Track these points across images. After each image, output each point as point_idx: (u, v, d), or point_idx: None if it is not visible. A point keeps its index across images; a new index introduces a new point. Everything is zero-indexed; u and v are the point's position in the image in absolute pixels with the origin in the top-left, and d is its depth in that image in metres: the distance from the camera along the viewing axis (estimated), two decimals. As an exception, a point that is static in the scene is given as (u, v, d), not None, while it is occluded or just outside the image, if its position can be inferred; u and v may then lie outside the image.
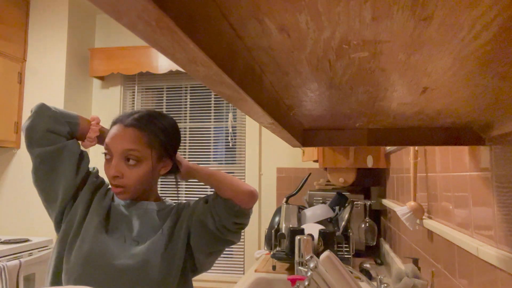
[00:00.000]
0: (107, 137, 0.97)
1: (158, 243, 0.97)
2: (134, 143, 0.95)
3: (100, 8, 0.16)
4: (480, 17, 0.24)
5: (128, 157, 0.95)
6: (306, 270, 1.05)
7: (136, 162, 0.96)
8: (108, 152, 0.96)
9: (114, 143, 0.95)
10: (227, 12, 0.24)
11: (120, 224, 0.99)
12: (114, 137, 0.96)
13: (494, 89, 0.42)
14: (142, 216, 1.00)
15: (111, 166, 0.94)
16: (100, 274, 0.91)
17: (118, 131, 0.97)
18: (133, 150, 0.95)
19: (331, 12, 0.23)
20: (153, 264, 0.93)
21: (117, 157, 0.95)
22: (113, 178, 0.95)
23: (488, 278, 0.70)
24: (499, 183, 0.66)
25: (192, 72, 0.25)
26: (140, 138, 0.96)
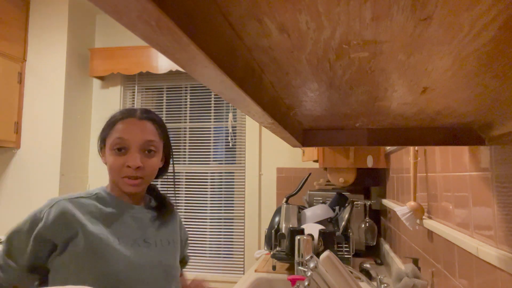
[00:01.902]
0: (118, 132, 0.96)
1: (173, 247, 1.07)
2: (153, 134, 0.99)
3: (100, 8, 0.16)
4: (480, 17, 0.24)
5: (149, 148, 0.98)
6: (306, 270, 1.05)
7: (154, 153, 1.00)
8: (124, 146, 0.95)
9: (133, 135, 0.96)
10: (227, 12, 0.24)
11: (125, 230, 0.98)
12: (132, 129, 0.96)
13: (494, 89, 0.42)
14: (137, 219, 1.02)
15: (133, 157, 0.94)
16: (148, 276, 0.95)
17: (135, 124, 0.97)
18: (152, 141, 0.99)
19: (331, 12, 0.23)
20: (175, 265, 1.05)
21: (136, 149, 0.96)
22: (135, 170, 0.95)
23: (488, 278, 0.70)
24: (499, 183, 0.66)
25: (192, 72, 0.25)
26: (155, 130, 1.01)
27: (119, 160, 0.95)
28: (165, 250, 1.03)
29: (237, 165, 2.94)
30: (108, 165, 0.97)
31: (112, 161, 0.96)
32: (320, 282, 1.02)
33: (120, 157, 0.95)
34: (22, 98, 2.83)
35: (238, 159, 2.94)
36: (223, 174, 2.96)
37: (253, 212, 2.81)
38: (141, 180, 0.98)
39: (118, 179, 0.96)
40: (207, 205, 2.95)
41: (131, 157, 0.95)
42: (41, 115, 2.80)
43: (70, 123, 2.86)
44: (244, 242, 2.83)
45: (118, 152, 0.95)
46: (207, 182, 2.97)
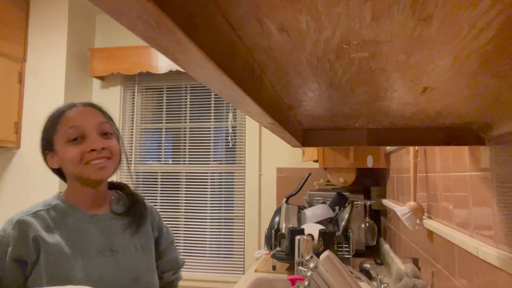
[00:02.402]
0: (68, 122, 0.90)
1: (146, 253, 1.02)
2: (102, 117, 0.95)
3: (100, 8, 0.16)
4: (480, 17, 0.24)
5: (105, 130, 0.93)
6: (306, 270, 1.05)
7: (111, 135, 0.95)
8: (80, 133, 0.89)
9: (86, 120, 0.90)
10: (227, 12, 0.24)
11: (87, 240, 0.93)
12: (82, 115, 0.91)
13: (494, 89, 0.42)
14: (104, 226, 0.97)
15: (94, 139, 0.89)
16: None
17: (82, 111, 0.92)
18: (106, 122, 0.95)
19: (331, 12, 0.23)
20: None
21: (93, 132, 0.91)
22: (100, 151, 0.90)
23: (488, 278, 0.70)
24: (499, 183, 0.66)
25: (192, 72, 0.25)
26: (102, 114, 0.97)
27: (78, 148, 0.88)
28: (134, 257, 0.98)
29: (237, 165, 2.94)
30: (67, 160, 0.89)
31: (70, 154, 0.88)
32: (320, 282, 1.02)
33: (79, 146, 0.89)
34: (22, 98, 2.83)
35: (238, 159, 2.94)
36: (223, 174, 2.96)
37: (253, 212, 2.81)
38: (109, 161, 0.92)
39: (83, 169, 0.89)
40: (207, 205, 2.95)
41: (91, 140, 0.89)
42: (41, 115, 2.79)
43: (70, 123, 2.86)
44: (244, 242, 2.83)
45: (75, 142, 0.89)
46: (207, 182, 2.97)
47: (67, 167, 0.92)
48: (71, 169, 0.91)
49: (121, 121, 3.09)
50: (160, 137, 3.08)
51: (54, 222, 0.90)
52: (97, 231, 0.94)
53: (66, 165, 0.91)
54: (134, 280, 0.95)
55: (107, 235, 0.95)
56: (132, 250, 0.99)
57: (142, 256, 1.00)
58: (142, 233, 1.04)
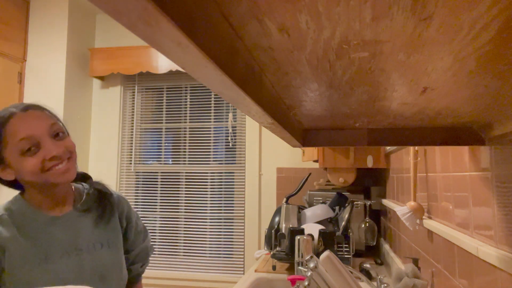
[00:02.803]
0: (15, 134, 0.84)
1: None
2: (49, 118, 0.90)
3: (100, 8, 0.16)
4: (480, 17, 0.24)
5: (56, 131, 0.89)
6: (306, 270, 1.05)
7: (63, 134, 0.92)
8: (32, 142, 0.85)
9: (34, 127, 0.85)
10: (227, 12, 0.24)
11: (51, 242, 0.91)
12: (28, 123, 0.85)
13: (494, 89, 0.42)
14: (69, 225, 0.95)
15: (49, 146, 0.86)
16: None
17: (25, 117, 0.86)
18: (55, 123, 0.91)
19: (331, 12, 0.23)
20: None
21: (46, 138, 0.86)
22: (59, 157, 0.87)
23: (488, 278, 0.70)
24: (499, 183, 0.66)
25: (192, 72, 0.25)
26: (47, 114, 0.91)
27: (35, 159, 0.85)
28: (99, 255, 0.96)
29: (237, 165, 2.94)
30: (26, 172, 0.85)
31: (28, 165, 0.84)
32: (320, 282, 1.02)
33: (35, 156, 0.85)
34: (22, 98, 2.83)
35: (238, 159, 2.94)
36: (223, 174, 2.96)
37: (253, 212, 2.81)
38: (71, 161, 0.90)
39: (46, 176, 0.86)
40: (207, 205, 2.95)
41: (48, 148, 0.85)
42: (41, 115, 2.80)
43: (70, 123, 2.86)
44: (244, 242, 2.83)
45: (29, 152, 0.85)
46: (207, 182, 2.97)
47: (26, 178, 0.87)
48: (32, 179, 0.87)
49: (121, 121, 3.09)
50: (160, 137, 3.08)
51: (17, 227, 0.88)
52: (62, 232, 0.92)
53: (26, 176, 0.87)
54: (100, 278, 0.95)
55: (72, 234, 0.94)
56: (98, 247, 0.97)
57: (108, 253, 0.99)
58: (110, 227, 1.02)
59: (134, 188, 3.06)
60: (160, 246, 2.96)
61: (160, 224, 2.98)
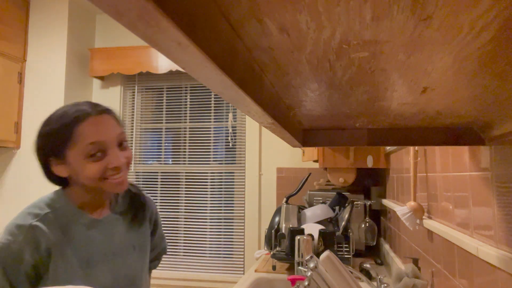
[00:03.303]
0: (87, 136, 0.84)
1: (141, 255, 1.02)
2: (118, 125, 0.91)
3: (100, 8, 0.16)
4: (480, 17, 0.24)
5: (122, 140, 0.90)
6: (306, 270, 1.05)
7: (127, 143, 0.92)
8: (100, 148, 0.85)
9: (105, 134, 0.86)
10: (227, 12, 0.24)
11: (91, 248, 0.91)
12: (100, 129, 0.85)
13: (494, 89, 0.42)
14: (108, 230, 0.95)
15: (116, 157, 0.86)
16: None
17: (99, 122, 0.86)
18: (123, 132, 0.91)
19: (331, 12, 0.23)
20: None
21: (113, 146, 0.87)
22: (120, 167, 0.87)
23: (488, 278, 0.70)
24: (499, 183, 0.66)
25: (192, 72, 0.25)
26: (116, 120, 0.92)
27: (98, 165, 0.85)
28: (131, 258, 0.97)
29: (237, 165, 2.94)
30: (85, 176, 0.85)
31: (90, 170, 0.84)
32: (320, 282, 1.02)
33: (99, 162, 0.85)
34: (22, 98, 2.83)
35: (238, 159, 2.94)
36: (223, 174, 2.96)
37: (253, 212, 2.81)
38: (125, 172, 0.90)
39: (102, 184, 0.87)
40: (207, 205, 2.95)
41: (113, 158, 0.86)
42: (41, 115, 2.79)
43: (70, 123, 2.86)
44: (244, 242, 2.82)
45: (95, 157, 0.85)
46: (207, 182, 2.97)
47: (82, 180, 0.87)
48: (88, 183, 0.87)
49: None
50: (160, 137, 3.08)
51: (61, 228, 0.87)
52: (100, 236, 0.92)
53: (82, 179, 0.86)
54: (131, 282, 0.95)
55: (109, 238, 0.94)
56: (130, 251, 0.98)
57: (139, 256, 1.00)
58: (141, 231, 1.03)
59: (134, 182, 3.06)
60: (160, 246, 2.96)
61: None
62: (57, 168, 0.88)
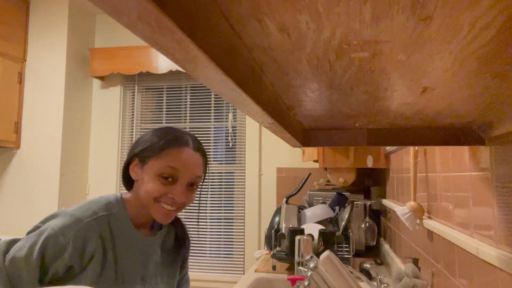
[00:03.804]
0: (172, 160, 0.88)
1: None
2: (202, 169, 0.95)
3: (100, 8, 0.16)
4: (480, 17, 0.24)
5: (194, 182, 0.93)
6: (306, 270, 1.05)
7: (195, 188, 0.96)
8: (174, 175, 0.89)
9: (187, 169, 0.90)
10: (227, 12, 0.24)
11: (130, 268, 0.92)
12: (186, 162, 0.90)
13: (494, 89, 0.42)
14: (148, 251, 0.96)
15: (181, 191, 0.89)
16: None
17: (190, 156, 0.91)
18: (200, 176, 0.95)
19: (331, 12, 0.23)
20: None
21: (185, 183, 0.90)
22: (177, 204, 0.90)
23: (488, 278, 0.70)
24: (499, 183, 0.66)
25: (192, 72, 0.25)
26: (203, 164, 0.96)
27: (163, 189, 0.88)
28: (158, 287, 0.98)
29: (237, 165, 2.94)
30: (145, 190, 0.89)
31: (154, 188, 0.88)
32: (320, 282, 1.02)
33: (165, 186, 0.88)
34: (22, 98, 2.83)
35: (238, 159, 2.94)
36: (223, 174, 2.96)
37: (253, 212, 2.81)
38: (176, 212, 0.93)
39: (152, 205, 0.89)
40: (207, 205, 2.95)
41: (178, 191, 0.89)
42: (41, 115, 2.80)
43: (70, 123, 2.86)
44: (244, 242, 2.82)
45: (164, 180, 0.88)
46: (207, 182, 2.97)
47: (141, 190, 0.90)
48: (143, 196, 0.90)
49: (121, 121, 3.09)
50: (160, 137, 3.08)
51: (111, 237, 0.88)
52: (140, 256, 0.94)
53: (142, 189, 0.90)
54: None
55: (144, 262, 0.95)
56: (158, 280, 0.98)
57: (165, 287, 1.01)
58: (172, 265, 1.04)
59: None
60: (160, 246, 2.96)
61: (160, 224, 2.98)
62: (133, 169, 0.93)
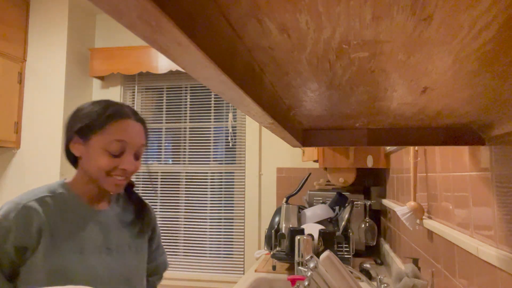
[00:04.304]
0: (118, 133, 0.90)
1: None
2: (144, 138, 0.97)
3: (100, 8, 0.16)
4: (480, 17, 0.24)
5: (139, 152, 0.96)
6: (306, 270, 1.05)
7: (140, 156, 0.98)
8: (121, 148, 0.91)
9: (133, 139, 0.92)
10: (227, 12, 0.24)
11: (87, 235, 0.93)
12: (131, 133, 0.92)
13: (494, 89, 0.42)
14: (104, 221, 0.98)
15: (130, 161, 0.92)
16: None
17: (133, 127, 0.93)
18: (144, 145, 0.97)
19: (331, 12, 0.23)
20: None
21: (132, 153, 0.93)
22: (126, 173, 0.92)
23: (488, 278, 0.70)
24: (499, 183, 0.66)
25: (192, 72, 0.25)
26: (144, 133, 0.99)
27: (112, 162, 0.90)
28: (127, 257, 0.98)
29: (237, 165, 2.94)
30: (94, 165, 0.90)
31: (104, 163, 0.90)
32: (320, 282, 1.02)
33: (115, 159, 0.90)
34: (22, 98, 2.83)
35: (238, 159, 2.94)
36: (223, 174, 2.96)
37: (253, 212, 2.81)
38: (126, 180, 0.95)
39: (103, 179, 0.91)
40: (207, 205, 2.95)
41: (127, 161, 0.91)
42: (41, 115, 2.80)
43: (70, 123, 2.86)
44: (244, 242, 2.82)
45: (111, 153, 0.90)
46: (207, 182, 2.97)
47: (89, 166, 0.91)
48: (92, 172, 0.91)
49: (121, 121, 3.09)
50: (160, 137, 3.08)
51: (58, 212, 0.90)
52: (96, 227, 0.95)
53: (90, 166, 0.91)
54: (126, 280, 0.96)
55: (105, 232, 0.96)
56: (126, 249, 0.99)
57: (135, 257, 1.01)
58: (138, 234, 1.04)
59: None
60: (160, 246, 2.96)
61: (160, 224, 2.98)
62: (74, 146, 0.94)
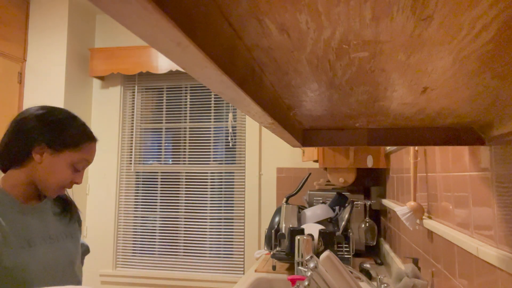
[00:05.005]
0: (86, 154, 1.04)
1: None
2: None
3: (100, 8, 0.16)
4: (480, 17, 0.24)
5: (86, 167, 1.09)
6: (306, 270, 1.05)
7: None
8: (85, 165, 1.05)
9: (91, 160, 1.08)
10: (227, 12, 0.24)
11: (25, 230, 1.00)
12: (93, 154, 1.09)
13: (494, 89, 0.42)
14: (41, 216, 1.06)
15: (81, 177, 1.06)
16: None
17: (94, 150, 1.08)
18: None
19: (331, 12, 0.23)
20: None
21: (84, 170, 1.07)
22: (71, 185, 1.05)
23: (488, 278, 0.70)
24: (499, 183, 0.66)
25: (192, 72, 0.25)
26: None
27: (71, 177, 1.03)
28: (67, 243, 1.08)
29: (237, 165, 2.94)
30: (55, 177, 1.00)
31: (65, 177, 1.01)
32: (320, 282, 1.02)
33: (73, 174, 1.03)
34: (22, 98, 2.83)
35: (238, 159, 2.94)
36: (223, 174, 2.96)
37: (253, 212, 2.81)
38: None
39: (56, 189, 1.01)
40: (207, 205, 2.95)
41: (80, 178, 1.05)
42: (41, 115, 2.80)
43: (70, 123, 2.86)
44: (244, 242, 2.82)
45: (74, 169, 1.03)
46: (207, 182, 2.97)
47: (48, 176, 1.00)
48: (50, 181, 1.00)
49: (121, 121, 3.09)
50: (160, 137, 3.08)
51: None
52: (36, 220, 1.02)
53: (50, 176, 1.00)
54: (70, 263, 1.07)
55: (43, 224, 1.04)
56: (64, 237, 1.09)
57: (72, 243, 1.12)
58: (71, 224, 1.16)
59: (134, 188, 3.06)
60: (160, 246, 2.96)
61: (160, 224, 2.98)
62: (39, 152, 1.00)
